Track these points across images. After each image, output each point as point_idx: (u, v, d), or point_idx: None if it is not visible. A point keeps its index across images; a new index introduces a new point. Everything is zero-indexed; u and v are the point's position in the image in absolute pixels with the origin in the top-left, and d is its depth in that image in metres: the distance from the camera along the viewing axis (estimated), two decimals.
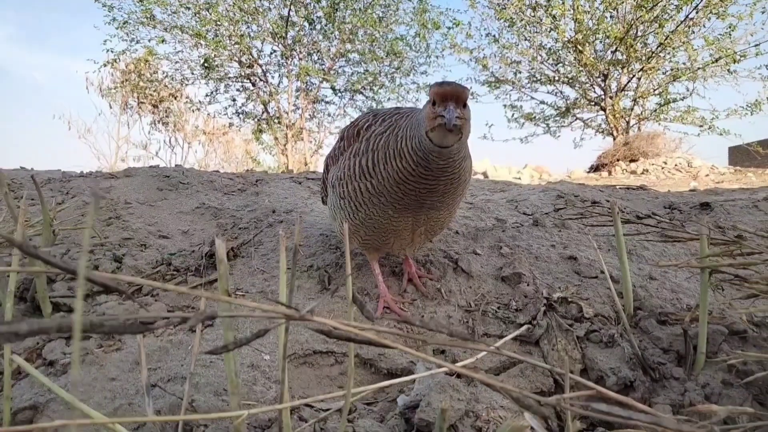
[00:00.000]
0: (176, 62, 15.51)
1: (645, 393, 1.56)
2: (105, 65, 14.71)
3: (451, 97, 1.44)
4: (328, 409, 1.59)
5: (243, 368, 1.68)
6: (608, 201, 2.87)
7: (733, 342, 1.64)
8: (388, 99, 17.20)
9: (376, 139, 1.71)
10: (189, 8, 14.40)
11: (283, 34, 15.06)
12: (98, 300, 2.07)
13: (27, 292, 2.09)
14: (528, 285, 1.99)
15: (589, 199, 2.86)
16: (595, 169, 14.42)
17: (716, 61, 14.65)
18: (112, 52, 14.56)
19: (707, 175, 12.12)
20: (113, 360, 1.73)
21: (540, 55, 16.63)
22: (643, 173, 12.90)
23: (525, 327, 1.75)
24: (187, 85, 16.13)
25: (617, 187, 3.61)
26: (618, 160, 13.92)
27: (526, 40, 16.46)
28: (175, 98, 16.25)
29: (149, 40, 14.78)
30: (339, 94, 17.17)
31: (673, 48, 14.96)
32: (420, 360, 1.68)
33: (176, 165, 4.04)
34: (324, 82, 16.39)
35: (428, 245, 2.33)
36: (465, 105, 1.49)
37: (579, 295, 1.92)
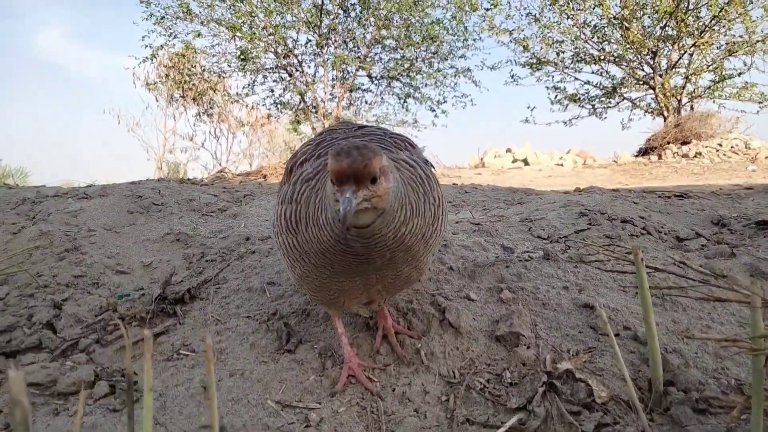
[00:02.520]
0: (213, 56, 15.55)
1: None
2: (144, 61, 14.84)
3: (347, 177, 1.07)
4: None
5: None
6: (642, 218, 2.40)
7: None
8: (425, 85, 16.80)
9: (301, 186, 1.34)
10: (224, 0, 14.36)
11: (318, 23, 14.84)
12: (23, 360, 1.78)
13: None
14: (528, 348, 1.58)
15: (618, 216, 2.39)
16: (644, 153, 13.57)
17: None
18: (150, 47, 14.69)
19: (767, 158, 11.21)
20: None
21: (584, 34, 15.75)
22: (695, 156, 12.05)
23: (516, 418, 1.35)
24: (224, 78, 16.14)
25: (657, 194, 3.10)
26: (668, 143, 13.07)
27: (568, 18, 15.59)
28: (214, 91, 16.31)
29: (186, 35, 14.84)
30: (376, 82, 16.89)
31: (729, 20, 13.86)
32: None
33: (159, 179, 3.75)
34: (360, 70, 16.11)
35: (415, 286, 1.94)
36: (375, 180, 1.10)
37: (592, 363, 1.50)
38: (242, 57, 15.29)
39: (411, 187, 1.30)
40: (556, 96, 16.83)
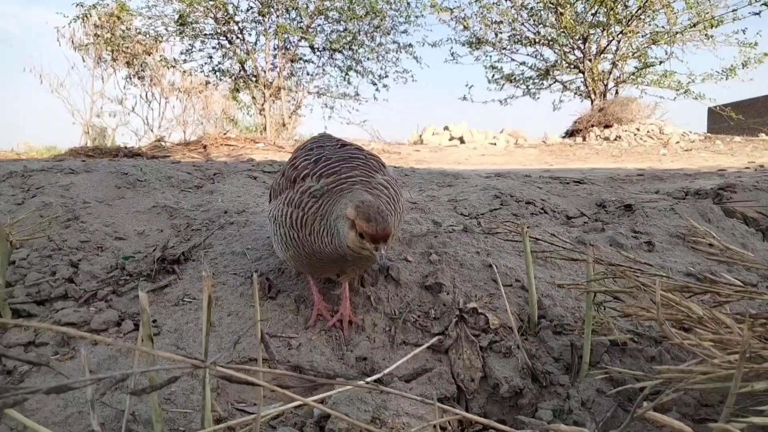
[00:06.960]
0: (149, 18, 15.18)
1: (533, 399, 1.80)
2: (74, 20, 14.40)
3: (382, 238, 1.58)
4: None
5: (184, 376, 1.88)
6: (542, 200, 3.08)
7: (614, 353, 1.88)
8: (367, 59, 17.10)
9: (308, 199, 1.80)
10: None
11: None
12: (55, 306, 2.24)
13: None
14: (447, 294, 2.20)
15: (524, 199, 3.06)
16: (571, 134, 14.63)
17: (694, 25, 14.74)
18: (82, 6, 14.26)
19: (677, 143, 12.38)
20: (67, 368, 1.92)
21: (521, 16, 16.57)
22: (616, 140, 13.13)
23: (436, 338, 1.97)
24: (161, 41, 15.85)
25: (559, 181, 3.81)
26: (593, 126, 14.12)
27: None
28: (149, 55, 15.98)
29: None
30: (318, 53, 17.03)
31: (654, 11, 14.99)
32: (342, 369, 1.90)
33: (135, 156, 4.14)
34: (302, 41, 16.21)
35: None
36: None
37: (491, 304, 2.14)
38: (180, 21, 15.07)
39: (386, 206, 1.82)
40: (493, 75, 17.65)
